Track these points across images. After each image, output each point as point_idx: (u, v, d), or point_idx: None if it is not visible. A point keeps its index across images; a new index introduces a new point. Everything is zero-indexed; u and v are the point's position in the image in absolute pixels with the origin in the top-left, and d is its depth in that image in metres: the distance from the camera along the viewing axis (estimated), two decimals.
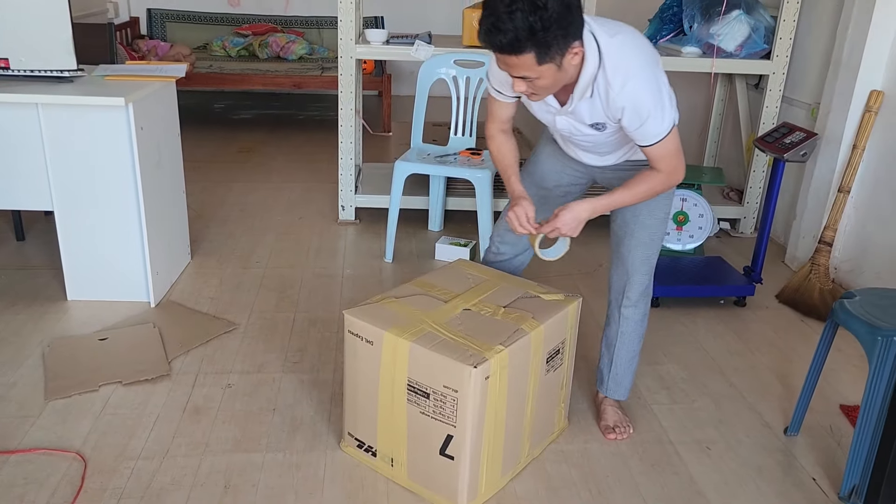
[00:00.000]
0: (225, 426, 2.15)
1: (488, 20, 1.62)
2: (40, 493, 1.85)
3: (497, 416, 1.83)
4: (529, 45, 1.61)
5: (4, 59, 2.52)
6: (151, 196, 2.73)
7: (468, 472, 1.82)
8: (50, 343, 2.51)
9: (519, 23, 1.58)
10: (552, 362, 2.01)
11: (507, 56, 1.66)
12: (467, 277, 2.14)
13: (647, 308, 2.17)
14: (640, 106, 1.76)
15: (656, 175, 1.89)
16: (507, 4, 1.58)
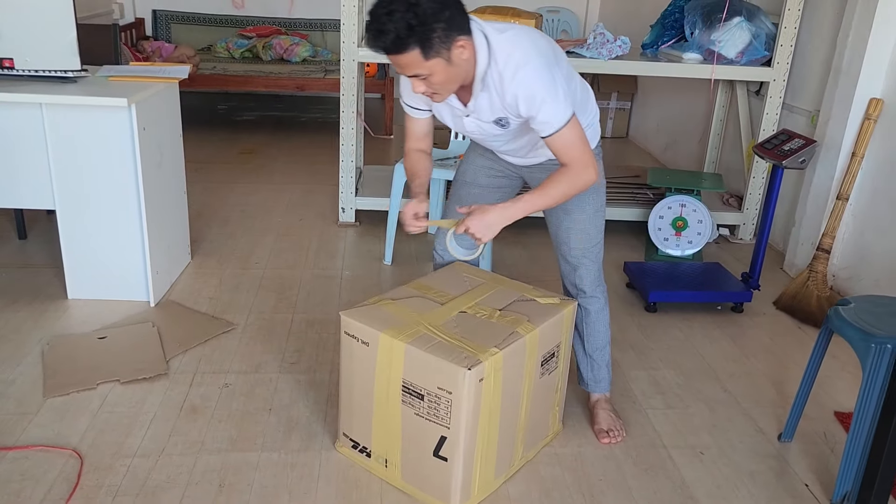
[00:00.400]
0: (221, 425, 2.16)
1: (372, 26, 1.71)
2: (36, 490, 1.87)
3: (491, 418, 1.84)
4: (411, 41, 1.69)
5: (9, 59, 2.55)
6: (152, 196, 2.75)
7: (461, 474, 1.83)
8: (49, 341, 2.53)
9: (398, 22, 1.66)
10: (547, 365, 2.02)
11: (395, 56, 1.74)
12: (464, 280, 2.15)
13: (605, 298, 2.24)
14: (533, 93, 1.79)
15: (565, 173, 1.87)
16: (385, 7, 1.68)
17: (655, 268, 3.26)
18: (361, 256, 3.41)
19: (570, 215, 2.14)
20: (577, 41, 3.76)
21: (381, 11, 1.68)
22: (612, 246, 3.67)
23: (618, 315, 2.98)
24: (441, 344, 1.80)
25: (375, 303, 1.99)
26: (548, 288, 2.18)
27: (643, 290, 3.05)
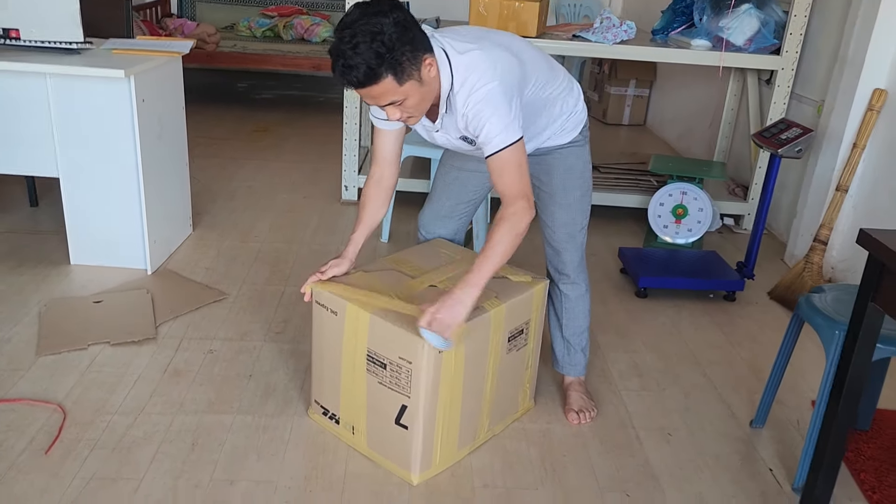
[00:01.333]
0: (201, 388, 2.24)
1: (338, 63, 1.66)
2: (19, 440, 1.96)
3: (453, 389, 1.88)
4: (383, 70, 1.65)
5: (15, 29, 2.63)
6: (151, 167, 2.83)
7: (422, 443, 1.87)
8: (47, 303, 2.62)
9: (365, 54, 1.62)
10: (515, 342, 2.05)
11: (370, 88, 1.68)
12: (440, 256, 2.19)
13: (586, 283, 2.23)
14: (480, 113, 1.76)
15: (502, 226, 1.78)
16: (349, 41, 1.63)
17: (650, 254, 3.26)
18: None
19: (555, 199, 2.14)
20: (583, 25, 3.75)
21: (346, 47, 1.63)
22: (612, 232, 3.69)
23: (607, 299, 2.99)
24: (405, 315, 1.84)
25: (348, 274, 2.04)
26: (535, 270, 2.18)
27: (634, 276, 3.06)
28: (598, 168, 3.97)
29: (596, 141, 3.53)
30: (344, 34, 1.64)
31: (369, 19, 1.64)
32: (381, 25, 1.63)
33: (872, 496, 1.97)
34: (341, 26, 1.66)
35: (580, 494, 1.92)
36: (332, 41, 1.72)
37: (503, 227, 1.78)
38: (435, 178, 2.32)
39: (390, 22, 1.64)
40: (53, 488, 1.80)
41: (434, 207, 2.30)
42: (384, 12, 1.65)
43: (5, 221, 3.31)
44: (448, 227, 2.30)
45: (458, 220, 2.30)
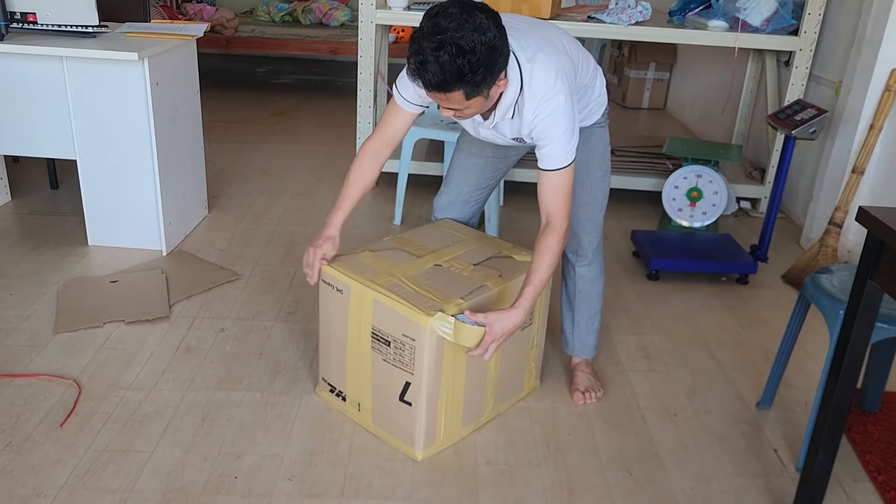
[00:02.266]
0: (212, 366, 2.28)
1: (416, 58, 1.62)
2: (35, 413, 2.02)
3: (456, 367, 1.90)
4: (458, 86, 1.64)
5: (32, 13, 2.68)
6: (166, 149, 2.87)
7: (425, 419, 1.90)
8: (65, 283, 2.68)
9: (447, 66, 1.59)
10: None
11: (436, 93, 1.67)
12: (447, 236, 2.21)
13: (601, 265, 2.24)
14: (549, 132, 1.81)
15: (553, 234, 1.85)
16: (435, 48, 1.58)
17: (662, 237, 3.25)
18: (373, 216, 3.49)
19: (577, 180, 2.07)
20: (599, 7, 3.72)
21: (429, 48, 1.58)
22: (626, 215, 3.68)
23: (619, 282, 2.99)
24: (409, 293, 1.86)
25: (355, 253, 2.06)
26: None
27: (646, 259, 3.05)
28: (614, 151, 3.95)
29: (615, 125, 3.52)
30: (434, 39, 1.58)
31: (466, 33, 1.58)
32: (474, 44, 1.58)
33: (878, 477, 1.96)
34: (434, 23, 1.59)
35: (582, 472, 1.93)
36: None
37: (549, 243, 1.84)
38: (452, 163, 2.31)
39: (485, 43, 1.59)
40: (67, 459, 1.86)
41: (451, 193, 2.29)
42: (483, 29, 1.60)
43: (27, 204, 3.38)
44: (464, 212, 2.31)
45: (475, 205, 2.31)
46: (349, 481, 1.85)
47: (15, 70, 2.71)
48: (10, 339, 2.34)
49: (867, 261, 1.46)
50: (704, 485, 1.91)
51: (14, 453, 1.87)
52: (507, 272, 2.01)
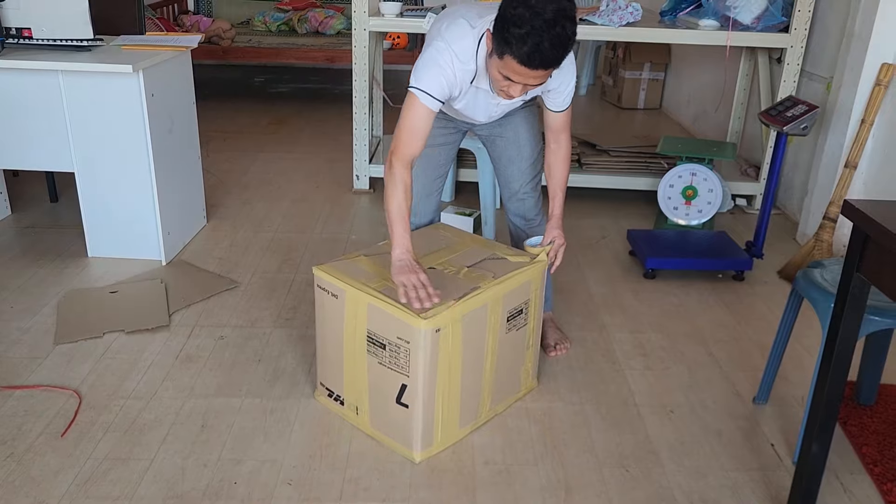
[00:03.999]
0: (211, 373, 2.30)
1: (531, 41, 1.65)
2: (37, 424, 2.04)
3: (451, 368, 1.92)
4: (564, 58, 1.76)
5: (28, 28, 2.71)
6: (163, 160, 2.89)
7: (422, 421, 1.91)
8: (65, 294, 2.71)
9: (562, 38, 1.68)
10: (514, 322, 2.08)
11: (544, 70, 1.75)
12: (441, 239, 2.23)
13: (544, 224, 2.35)
14: (570, 77, 2.05)
15: (566, 151, 2.19)
16: (549, 24, 1.65)
17: (658, 235, 3.26)
18: (370, 222, 3.51)
19: (522, 153, 2.31)
20: (590, 9, 3.74)
21: (542, 25, 1.64)
22: (622, 215, 3.70)
23: (615, 280, 3.01)
24: None
25: (348, 258, 2.08)
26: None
27: (641, 257, 3.07)
28: (609, 152, 3.97)
29: (610, 125, 3.54)
30: (544, 16, 1.65)
31: (562, 2, 1.68)
32: (572, 10, 1.70)
33: (874, 469, 1.97)
34: (530, 5, 1.66)
35: (579, 470, 1.94)
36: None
37: (564, 156, 2.20)
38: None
39: (573, 7, 1.72)
40: (68, 468, 1.87)
41: (415, 189, 2.30)
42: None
43: (27, 217, 3.41)
44: (431, 203, 2.38)
45: (437, 194, 2.40)
46: (348, 484, 1.87)
47: (11, 85, 2.74)
48: (11, 351, 2.36)
49: (853, 253, 1.47)
50: (701, 480, 1.93)
51: (16, 464, 1.89)
52: (500, 273, 2.02)
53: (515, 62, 1.71)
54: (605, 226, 3.57)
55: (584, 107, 5.96)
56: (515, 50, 1.68)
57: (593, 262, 3.18)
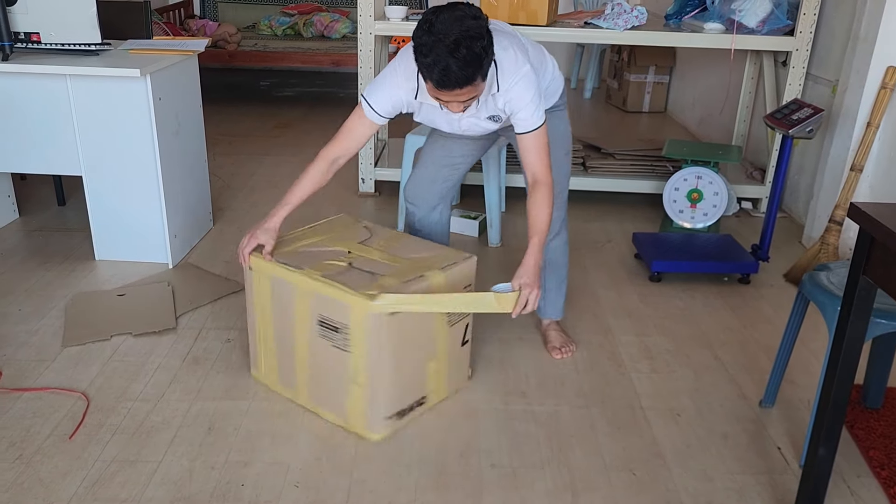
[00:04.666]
0: (219, 376, 2.31)
1: (438, 68, 1.76)
2: (45, 426, 2.05)
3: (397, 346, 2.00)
4: (479, 73, 1.81)
5: (36, 33, 2.73)
6: (170, 164, 2.91)
7: (370, 399, 2.01)
8: (73, 297, 2.72)
9: (469, 58, 1.75)
10: (452, 317, 2.13)
11: (460, 90, 1.81)
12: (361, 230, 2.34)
13: (567, 236, 2.45)
14: (523, 94, 2.00)
15: (539, 194, 2.06)
16: (451, 49, 1.73)
17: (663, 238, 3.26)
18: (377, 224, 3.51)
19: None
20: (595, 12, 3.75)
21: (445, 51, 1.73)
22: (628, 218, 3.70)
23: (621, 284, 3.01)
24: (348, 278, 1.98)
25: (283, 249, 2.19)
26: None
27: (647, 260, 3.07)
28: (614, 155, 3.97)
29: (615, 128, 3.53)
30: (446, 43, 1.73)
31: (467, 23, 1.75)
32: (479, 29, 1.76)
33: (881, 473, 1.97)
34: (436, 31, 1.74)
35: (586, 473, 1.95)
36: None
37: (541, 196, 2.05)
38: (422, 153, 2.46)
39: (482, 26, 1.78)
40: (76, 470, 1.88)
41: (417, 174, 2.43)
42: (474, 15, 1.78)
43: (34, 220, 3.43)
44: (431, 191, 2.41)
45: (442, 184, 2.42)
46: (355, 486, 1.87)
47: (20, 89, 2.76)
48: (20, 354, 2.38)
49: (860, 256, 1.47)
50: (708, 483, 1.93)
51: (24, 466, 1.90)
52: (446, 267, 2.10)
53: (433, 86, 1.83)
54: (611, 229, 3.57)
55: (588, 110, 5.96)
56: (428, 76, 1.80)
57: (599, 265, 3.18)
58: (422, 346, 2.06)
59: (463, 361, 2.24)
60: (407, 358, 2.03)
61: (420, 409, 2.13)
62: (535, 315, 2.61)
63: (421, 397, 2.12)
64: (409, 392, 2.09)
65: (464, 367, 2.26)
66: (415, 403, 2.11)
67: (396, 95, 2.04)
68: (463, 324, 2.15)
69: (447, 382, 2.20)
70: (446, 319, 2.09)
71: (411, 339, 2.02)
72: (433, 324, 2.06)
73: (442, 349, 2.11)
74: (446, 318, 2.09)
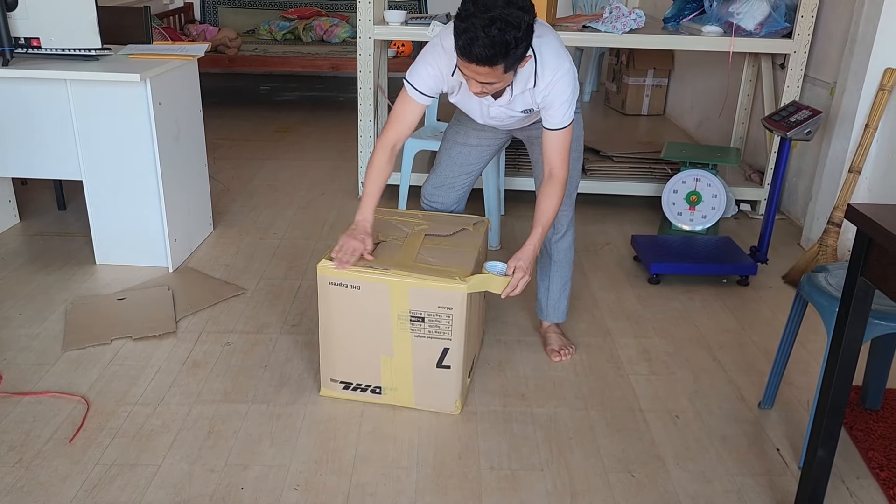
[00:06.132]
0: (218, 379, 2.31)
1: (467, 35, 1.77)
2: (45, 430, 2.05)
3: None
4: (502, 60, 1.81)
5: (36, 38, 2.73)
6: (170, 168, 2.92)
7: (460, 378, 2.12)
8: (73, 301, 2.72)
9: (497, 40, 1.76)
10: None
11: (480, 67, 1.83)
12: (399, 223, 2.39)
13: (573, 237, 2.47)
14: (563, 91, 2.04)
15: (551, 186, 2.12)
16: (486, 24, 1.74)
17: (662, 241, 3.26)
18: None
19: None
20: (594, 16, 3.76)
21: (479, 23, 1.75)
22: (627, 220, 3.71)
23: (620, 286, 3.01)
24: (432, 271, 2.05)
25: None
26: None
27: (646, 263, 3.07)
28: (613, 158, 3.98)
29: (614, 131, 3.50)
30: (485, 16, 1.74)
31: (513, 10, 1.76)
32: (520, 21, 1.77)
33: (880, 474, 1.97)
34: (482, 2, 1.76)
35: (585, 475, 1.95)
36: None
37: (553, 188, 2.11)
38: (439, 154, 2.50)
39: (527, 21, 1.79)
40: (76, 474, 1.89)
41: (438, 178, 2.48)
42: (526, 8, 1.80)
43: (35, 225, 3.44)
44: (450, 196, 2.48)
45: (458, 190, 2.48)
46: (354, 489, 1.87)
47: (20, 94, 2.77)
48: (20, 358, 2.38)
49: (857, 257, 1.48)
50: (707, 485, 1.93)
51: (24, 469, 1.90)
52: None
53: (458, 53, 1.84)
54: (610, 231, 3.58)
55: (587, 113, 5.96)
56: (457, 40, 1.81)
57: (597, 267, 3.19)
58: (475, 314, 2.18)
59: (445, 385, 2.14)
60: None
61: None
62: (535, 317, 2.62)
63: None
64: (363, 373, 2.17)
65: (449, 393, 2.16)
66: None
67: (437, 70, 2.06)
68: (437, 343, 2.08)
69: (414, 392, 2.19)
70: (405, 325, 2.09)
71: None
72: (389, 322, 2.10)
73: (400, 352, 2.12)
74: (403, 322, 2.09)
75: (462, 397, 2.18)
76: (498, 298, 2.13)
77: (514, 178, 3.74)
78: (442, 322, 2.03)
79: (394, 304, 2.05)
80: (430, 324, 2.04)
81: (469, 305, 2.04)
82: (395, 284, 2.02)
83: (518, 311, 2.76)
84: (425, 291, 2.01)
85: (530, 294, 2.79)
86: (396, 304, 2.04)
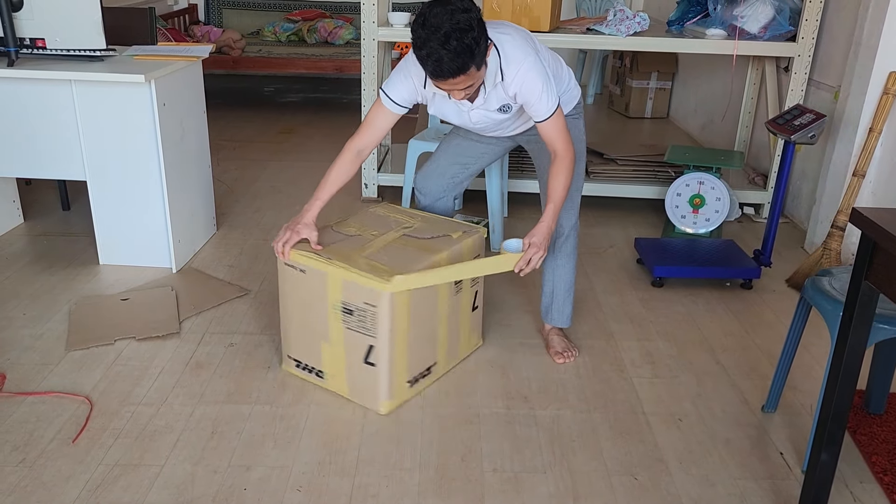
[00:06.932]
0: (222, 380, 2.32)
1: (431, 60, 1.86)
2: (48, 430, 2.05)
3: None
4: (471, 62, 1.89)
5: (41, 38, 2.74)
6: (174, 169, 2.92)
7: (387, 377, 2.13)
8: (77, 301, 2.73)
9: (459, 49, 1.83)
10: (459, 284, 2.28)
11: (454, 79, 1.89)
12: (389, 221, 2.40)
13: (576, 241, 2.47)
14: (532, 87, 2.07)
15: (559, 165, 2.16)
16: (442, 42, 1.82)
17: (665, 244, 3.26)
18: None
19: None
20: (597, 18, 3.77)
21: (437, 44, 1.82)
22: (630, 223, 3.71)
23: (623, 289, 3.01)
24: (370, 268, 2.08)
25: None
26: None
27: (649, 266, 3.07)
28: (616, 161, 3.98)
29: (618, 134, 3.50)
30: (438, 36, 1.82)
31: (458, 17, 1.83)
32: (469, 22, 1.84)
33: (884, 478, 1.97)
34: (429, 26, 1.83)
35: (587, 478, 1.95)
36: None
37: (561, 167, 2.15)
38: (438, 147, 2.55)
39: (474, 18, 1.85)
40: (79, 474, 1.89)
41: (429, 165, 2.54)
42: (465, 9, 1.86)
43: (39, 225, 3.44)
44: (436, 185, 2.51)
45: (447, 179, 2.50)
46: (357, 491, 1.88)
47: (25, 94, 2.77)
48: (24, 358, 2.39)
49: (862, 261, 1.48)
50: (710, 488, 1.93)
51: (27, 469, 1.90)
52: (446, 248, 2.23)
53: (431, 77, 1.94)
54: (613, 234, 3.58)
55: (591, 116, 5.97)
56: (424, 67, 1.91)
57: (601, 270, 3.18)
58: (429, 318, 2.20)
59: (371, 382, 2.18)
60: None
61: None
62: (538, 320, 2.63)
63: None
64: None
65: (376, 391, 2.19)
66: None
67: (410, 84, 2.13)
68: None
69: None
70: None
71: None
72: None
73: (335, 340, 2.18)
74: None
75: (395, 399, 2.17)
76: (499, 299, 2.14)
77: (517, 181, 3.74)
78: (367, 318, 2.06)
79: (330, 293, 2.11)
80: (357, 318, 2.08)
81: (398, 307, 2.04)
82: (332, 273, 2.08)
83: (521, 314, 2.76)
84: (355, 285, 2.05)
85: (533, 296, 2.80)
86: (332, 293, 2.10)
